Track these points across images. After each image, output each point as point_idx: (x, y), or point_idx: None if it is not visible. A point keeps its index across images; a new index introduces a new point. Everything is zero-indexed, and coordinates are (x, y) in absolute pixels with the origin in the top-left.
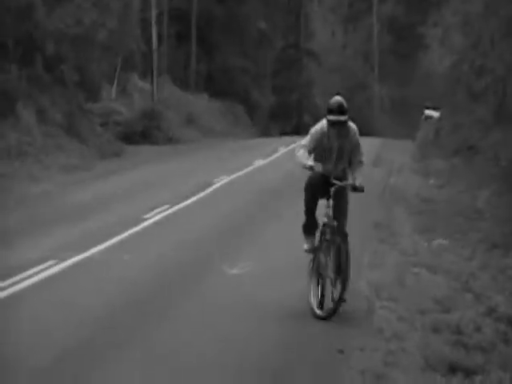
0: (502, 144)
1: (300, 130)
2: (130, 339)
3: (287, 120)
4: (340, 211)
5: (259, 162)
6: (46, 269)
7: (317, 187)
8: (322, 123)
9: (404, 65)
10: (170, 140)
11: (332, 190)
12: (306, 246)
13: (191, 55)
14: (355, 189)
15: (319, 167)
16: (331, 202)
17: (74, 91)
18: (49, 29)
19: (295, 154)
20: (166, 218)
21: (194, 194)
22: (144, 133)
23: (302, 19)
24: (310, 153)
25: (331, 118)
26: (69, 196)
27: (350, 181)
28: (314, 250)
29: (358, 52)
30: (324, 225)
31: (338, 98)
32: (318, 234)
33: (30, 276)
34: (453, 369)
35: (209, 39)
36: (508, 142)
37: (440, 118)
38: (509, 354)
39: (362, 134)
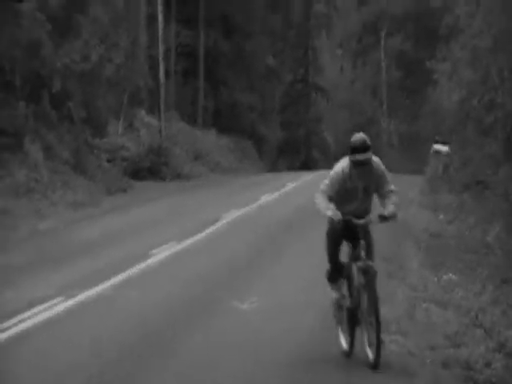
0: None
1: (309, 165)
2: (136, 378)
3: (295, 155)
4: (370, 250)
5: (268, 197)
6: (53, 306)
7: (339, 231)
8: (343, 164)
9: (413, 99)
10: (178, 176)
11: (360, 230)
12: (334, 295)
13: (198, 91)
14: (384, 218)
15: (338, 215)
16: (362, 242)
17: (81, 127)
18: (56, 65)
19: (315, 201)
20: (174, 254)
21: (202, 230)
22: (151, 169)
23: (310, 54)
24: (331, 198)
25: (356, 157)
26: (76, 232)
27: (372, 214)
28: (343, 297)
29: (367, 87)
30: (355, 268)
31: (361, 136)
32: (344, 280)
33: (37, 313)
34: None
35: (216, 75)
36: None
37: (449, 153)
38: None
39: None
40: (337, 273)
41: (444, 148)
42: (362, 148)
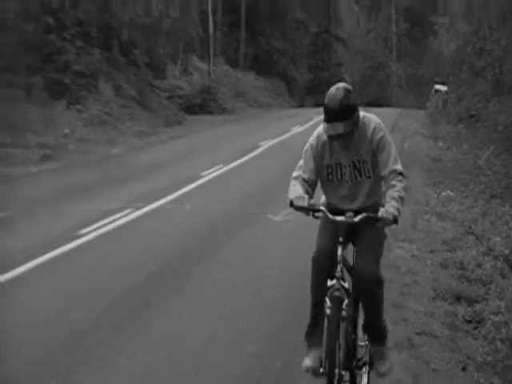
0: (499, 112)
1: None
2: (191, 271)
3: (320, 94)
4: (363, 250)
5: (298, 129)
6: (125, 216)
7: (327, 259)
8: (318, 133)
9: (417, 47)
10: (223, 110)
11: (341, 230)
12: (306, 363)
13: (240, 40)
14: (374, 220)
15: (301, 200)
16: (339, 251)
17: (145, 71)
18: (124, 19)
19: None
20: (221, 174)
21: (243, 155)
22: (202, 105)
23: (332, 9)
24: (309, 183)
25: (327, 130)
26: (140, 157)
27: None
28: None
29: (379, 37)
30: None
31: (337, 91)
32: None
33: (112, 221)
34: (458, 298)
35: (255, 26)
36: (504, 110)
37: (447, 92)
38: (505, 286)
39: (381, 105)
40: (319, 333)
41: (443, 87)
42: (337, 113)
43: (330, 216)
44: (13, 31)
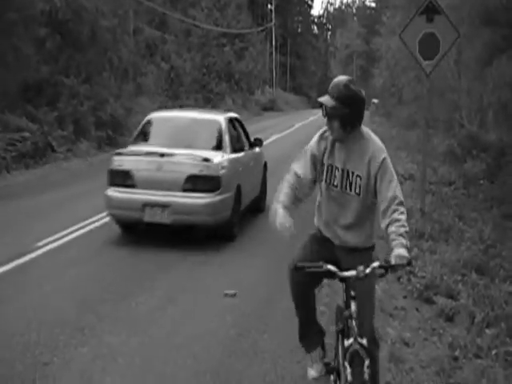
0: (400, 111)
1: None
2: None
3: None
4: (361, 307)
5: (312, 118)
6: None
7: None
8: (321, 132)
9: (366, 82)
10: (279, 109)
11: (348, 282)
12: (311, 374)
13: (287, 79)
14: (388, 269)
15: (289, 229)
16: (353, 307)
17: (245, 92)
18: (237, 69)
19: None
20: (277, 138)
21: (288, 129)
22: (271, 107)
23: (328, 64)
24: (302, 180)
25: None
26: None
27: (375, 262)
28: (330, 371)
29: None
30: (341, 347)
31: (343, 77)
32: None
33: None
34: None
35: (294, 73)
36: (402, 110)
37: (378, 102)
38: (402, 188)
39: None
40: (311, 331)
41: (376, 100)
42: (333, 89)
43: (340, 273)
44: (189, 75)
